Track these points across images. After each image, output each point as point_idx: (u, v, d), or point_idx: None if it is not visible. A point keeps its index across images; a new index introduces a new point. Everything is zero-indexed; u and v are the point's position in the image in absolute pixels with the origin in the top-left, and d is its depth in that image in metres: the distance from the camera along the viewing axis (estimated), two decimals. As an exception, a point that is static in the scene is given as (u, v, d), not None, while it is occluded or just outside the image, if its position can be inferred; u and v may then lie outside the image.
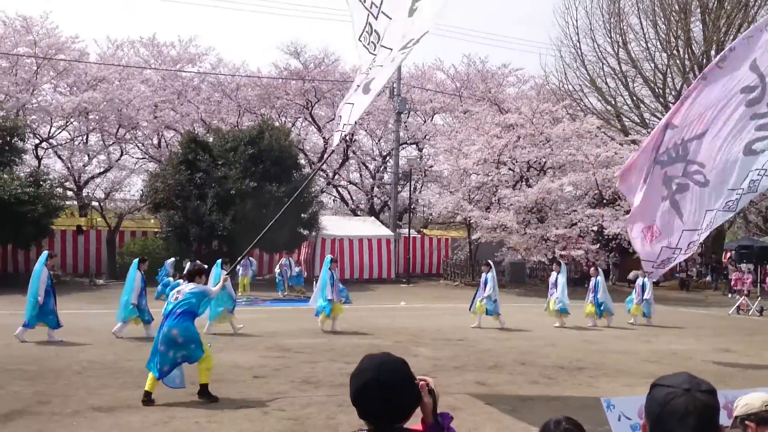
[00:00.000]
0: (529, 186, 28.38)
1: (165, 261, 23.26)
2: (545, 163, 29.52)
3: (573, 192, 31.07)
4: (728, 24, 32.81)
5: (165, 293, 21.17)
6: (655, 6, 34.39)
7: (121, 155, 33.59)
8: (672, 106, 34.76)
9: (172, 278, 21.68)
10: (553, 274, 17.48)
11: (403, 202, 35.33)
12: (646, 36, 35.16)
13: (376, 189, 38.90)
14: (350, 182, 40.05)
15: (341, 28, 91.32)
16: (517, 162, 29.52)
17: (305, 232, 29.30)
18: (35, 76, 30.44)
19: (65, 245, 28.83)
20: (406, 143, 38.58)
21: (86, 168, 31.65)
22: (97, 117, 31.23)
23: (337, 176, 38.67)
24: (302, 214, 28.60)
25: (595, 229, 27.92)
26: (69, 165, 30.96)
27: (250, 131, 28.64)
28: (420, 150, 39.53)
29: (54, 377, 9.66)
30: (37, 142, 31.34)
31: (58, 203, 26.18)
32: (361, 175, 40.31)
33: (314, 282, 24.09)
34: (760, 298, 22.62)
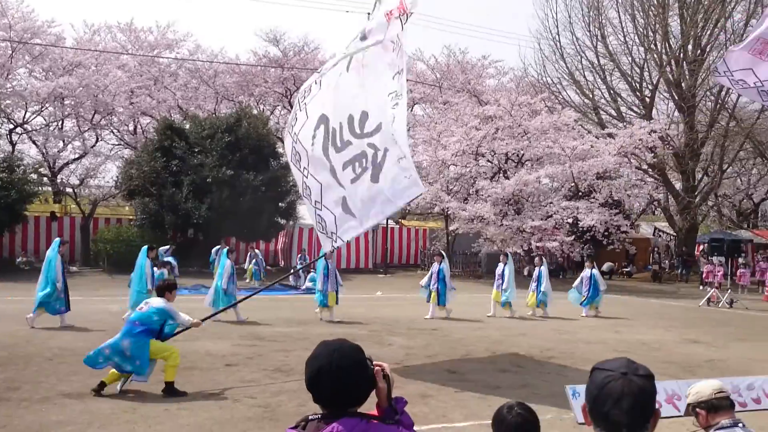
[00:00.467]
0: (507, 178, 28.55)
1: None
2: (523, 155, 29.70)
3: (549, 184, 31.32)
4: (705, 19, 33.18)
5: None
6: (633, 0, 34.66)
7: (97, 141, 33.23)
8: (648, 100, 34.94)
9: (165, 270, 21.50)
10: (500, 265, 17.31)
11: (381, 192, 35.30)
12: (625, 30, 35.49)
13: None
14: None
15: (321, 16, 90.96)
16: (495, 154, 29.68)
17: (282, 222, 29.23)
18: (10, 60, 29.97)
19: (39, 231, 28.47)
20: (385, 133, 38.56)
21: (61, 154, 31.26)
22: (72, 102, 30.84)
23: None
24: (280, 203, 28.52)
25: (570, 221, 28.20)
26: (43, 150, 30.56)
27: (228, 119, 28.45)
28: (399, 140, 39.52)
29: (24, 364, 9.60)
30: (11, 127, 30.87)
31: (32, 189, 25.85)
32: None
33: (294, 271, 24.20)
34: (730, 291, 23.01)
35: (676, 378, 9.03)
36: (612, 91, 36.32)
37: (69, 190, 30.69)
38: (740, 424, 3.50)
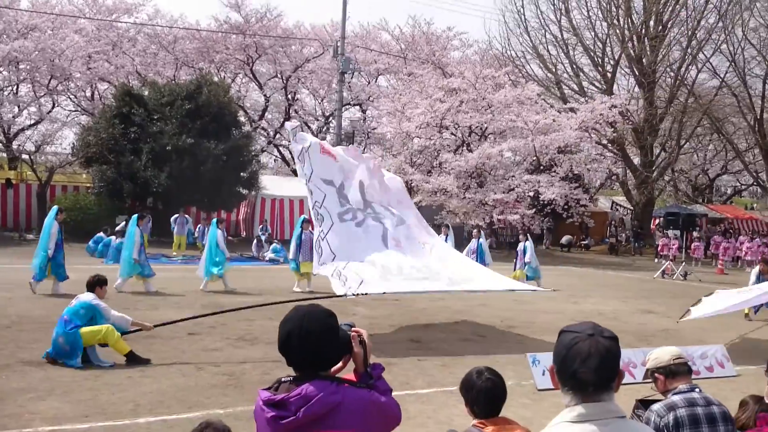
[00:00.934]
0: (470, 151, 28.68)
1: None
2: (486, 128, 29.84)
3: (512, 158, 31.60)
4: (667, -5, 33.58)
5: (96, 250, 20.76)
6: (597, -26, 34.85)
7: (53, 107, 32.38)
8: (609, 75, 35.33)
9: (105, 234, 21.22)
10: (473, 240, 17.59)
11: (344, 164, 35.18)
12: (588, 4, 35.69)
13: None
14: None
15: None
16: (459, 127, 29.76)
17: (244, 192, 28.97)
18: (-39, 22, 28.92)
19: (-7, 199, 27.82)
20: (349, 104, 38.35)
21: (16, 120, 30.37)
22: (28, 67, 29.88)
23: (278, 136, 38.20)
24: (241, 173, 28.22)
25: (531, 194, 28.55)
26: (-3, 116, 29.69)
27: (188, 86, 27.91)
28: (363, 111, 39.36)
29: (-20, 332, 9.42)
30: (-37, 91, 29.92)
31: (-14, 155, 25.17)
32: (303, 135, 39.90)
33: (256, 242, 24.06)
34: (684, 263, 23.64)
35: (631, 347, 9.27)
36: (575, 66, 36.62)
37: (25, 156, 29.91)
38: (697, 389, 3.62)
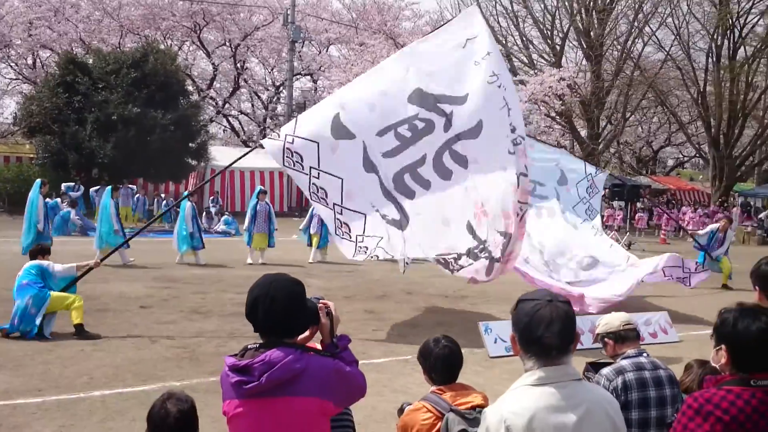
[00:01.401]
0: (421, 122, 28.73)
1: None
2: (437, 99, 29.89)
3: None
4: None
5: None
6: (547, -54, 34.98)
7: (-8, 75, 31.21)
8: (558, 48, 35.49)
9: (59, 199, 20.69)
10: None
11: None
12: (538, -24, 35.83)
13: (268, 120, 38.13)
14: (241, 112, 39.09)
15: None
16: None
17: (193, 163, 28.49)
18: None
19: (-71, 170, 26.73)
20: (300, 74, 37.90)
21: (-48, 87, 29.24)
22: (-37, 32, 28.73)
23: (227, 105, 37.60)
24: (190, 144, 27.73)
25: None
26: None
27: (134, 54, 27.19)
28: (315, 82, 38.96)
29: None
30: None
31: None
32: (253, 105, 39.37)
33: (206, 214, 23.76)
34: (628, 234, 24.31)
35: (578, 315, 9.56)
36: (524, 38, 36.84)
37: (-38, 126, 28.83)
38: (644, 354, 3.78)
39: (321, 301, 2.67)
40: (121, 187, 23.18)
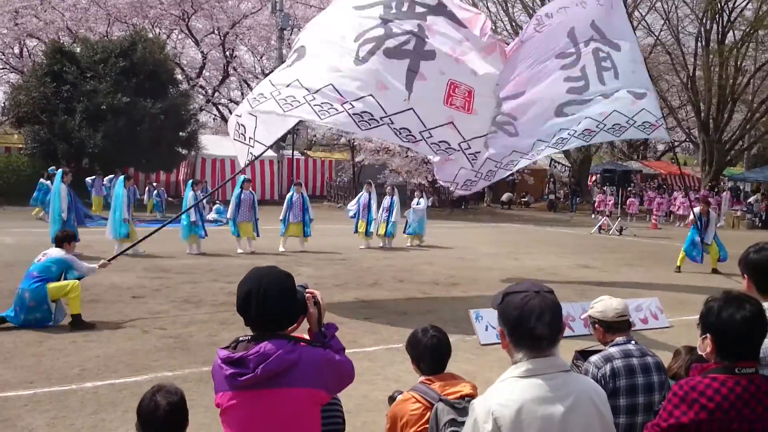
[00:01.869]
0: (412, 109, 28.68)
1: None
2: (428, 86, 29.83)
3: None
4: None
5: (38, 198, 20.10)
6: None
7: (-22, 64, 30.90)
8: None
9: (43, 178, 20.56)
10: (386, 198, 17.17)
11: (285, 122, 34.73)
12: (528, -38, 35.74)
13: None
14: (231, 100, 38.85)
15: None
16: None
17: (184, 152, 28.38)
18: None
19: None
20: (289, 61, 37.66)
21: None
22: (-52, 21, 28.41)
23: (217, 94, 37.39)
24: (180, 133, 27.61)
25: (473, 152, 28.81)
26: None
27: (122, 42, 26.97)
28: (303, 69, 38.73)
29: None
30: None
31: None
32: (242, 94, 39.07)
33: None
34: (620, 219, 24.43)
35: (569, 301, 9.61)
36: (514, 23, 36.80)
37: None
38: (632, 341, 3.81)
39: (308, 290, 2.68)
40: (95, 177, 22.98)
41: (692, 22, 35.80)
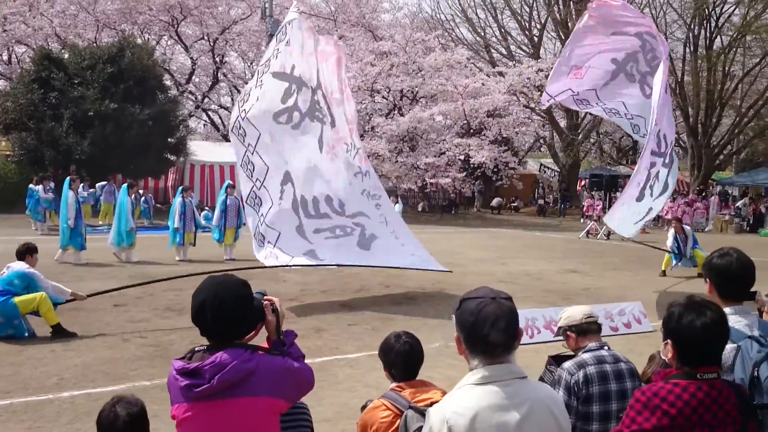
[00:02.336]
0: (402, 115, 28.76)
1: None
2: (417, 92, 29.93)
3: (443, 121, 31.81)
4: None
5: (29, 206, 19.94)
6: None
7: (-34, 71, 30.75)
8: (536, 39, 35.62)
9: (34, 184, 20.40)
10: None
11: (275, 128, 34.68)
12: (516, -32, 35.91)
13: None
14: (221, 106, 38.80)
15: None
16: (390, 91, 29.74)
17: (172, 158, 28.28)
18: None
19: None
20: (278, 67, 37.65)
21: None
22: (-65, 28, 28.24)
23: (207, 100, 37.31)
24: (169, 139, 27.52)
25: (462, 157, 28.90)
26: None
27: (110, 48, 26.88)
28: (293, 75, 38.72)
29: None
30: None
31: None
32: (232, 99, 38.98)
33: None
34: (607, 224, 24.42)
35: (555, 305, 9.61)
36: (503, 30, 36.99)
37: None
38: (605, 347, 3.80)
39: (266, 297, 2.64)
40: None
41: (680, 28, 36.01)
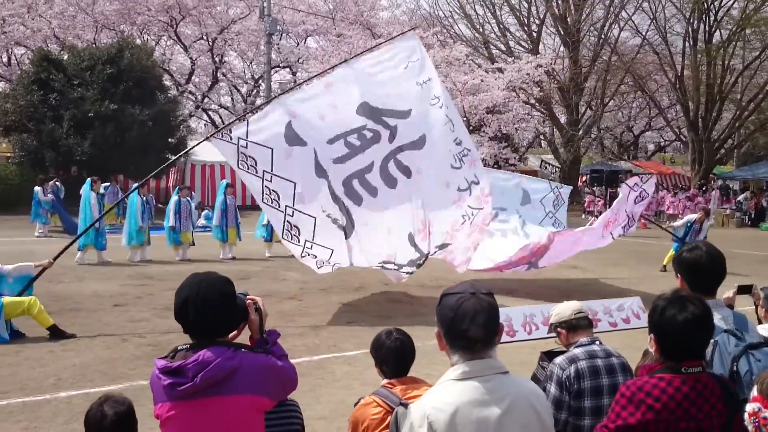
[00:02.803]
0: (401, 112, 28.71)
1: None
2: (416, 89, 29.87)
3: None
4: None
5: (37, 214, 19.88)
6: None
7: (-35, 73, 30.80)
8: (535, 35, 35.55)
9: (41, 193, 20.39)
10: None
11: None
12: (514, -37, 35.87)
13: (249, 114, 37.78)
14: (221, 106, 38.81)
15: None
16: (389, 88, 29.71)
17: (173, 158, 28.27)
18: None
19: None
20: (278, 66, 37.67)
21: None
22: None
23: (206, 100, 37.31)
24: (169, 139, 27.54)
25: (462, 154, 28.84)
26: None
27: (109, 49, 26.88)
28: (294, 74, 38.73)
29: None
30: None
31: None
32: (232, 99, 39.10)
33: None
34: (608, 219, 24.37)
35: (553, 302, 9.59)
36: (501, 26, 36.92)
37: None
38: (597, 342, 3.80)
39: (249, 297, 2.65)
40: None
41: (679, 22, 35.96)
